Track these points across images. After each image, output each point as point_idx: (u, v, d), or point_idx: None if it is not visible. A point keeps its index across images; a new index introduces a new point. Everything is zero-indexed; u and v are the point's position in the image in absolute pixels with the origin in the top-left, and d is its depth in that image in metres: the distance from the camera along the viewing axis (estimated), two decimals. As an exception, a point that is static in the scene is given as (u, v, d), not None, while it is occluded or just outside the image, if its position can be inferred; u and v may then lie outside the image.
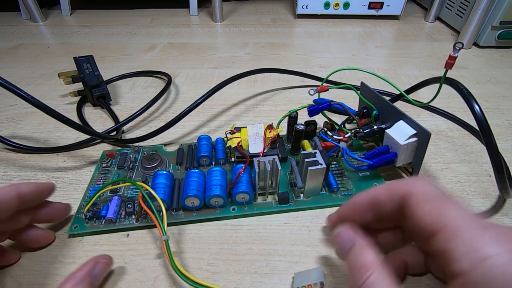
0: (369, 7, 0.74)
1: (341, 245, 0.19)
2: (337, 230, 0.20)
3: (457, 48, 0.24)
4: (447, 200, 0.17)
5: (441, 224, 0.16)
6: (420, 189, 0.18)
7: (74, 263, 0.24)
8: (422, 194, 0.17)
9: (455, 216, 0.16)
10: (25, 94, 0.25)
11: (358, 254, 0.17)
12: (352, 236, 0.19)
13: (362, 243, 0.18)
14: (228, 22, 0.76)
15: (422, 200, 0.17)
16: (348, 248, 0.18)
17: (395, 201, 0.19)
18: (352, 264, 0.17)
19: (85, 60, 0.40)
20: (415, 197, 0.17)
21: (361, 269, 0.16)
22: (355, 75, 0.50)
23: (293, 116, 0.32)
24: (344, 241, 0.19)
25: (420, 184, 0.18)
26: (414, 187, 0.18)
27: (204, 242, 0.25)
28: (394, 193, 0.19)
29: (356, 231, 0.19)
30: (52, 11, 0.83)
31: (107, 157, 0.32)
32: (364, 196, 0.21)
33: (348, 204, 0.22)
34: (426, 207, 0.17)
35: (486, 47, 0.60)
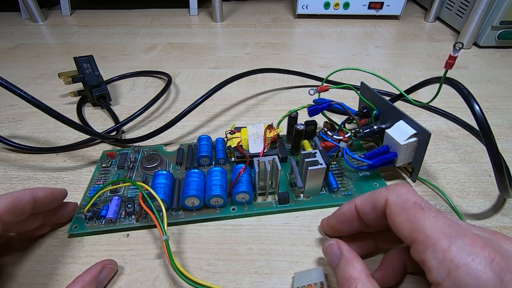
0: (369, 7, 0.74)
1: (330, 259, 0.20)
2: (326, 244, 0.21)
3: (457, 48, 0.24)
4: (420, 210, 0.17)
5: (414, 235, 0.16)
6: (394, 199, 0.18)
7: (74, 263, 0.24)
8: (397, 204, 0.18)
9: (427, 227, 0.16)
10: (25, 94, 0.25)
11: (344, 268, 0.18)
12: (338, 251, 0.20)
13: (348, 257, 0.19)
14: (228, 22, 0.76)
15: (397, 211, 0.18)
16: (336, 262, 0.19)
17: (377, 211, 0.19)
18: (340, 276, 0.18)
19: (85, 60, 0.40)
20: (391, 208, 0.18)
21: (347, 281, 0.17)
22: (355, 75, 0.50)
23: (293, 116, 0.32)
24: (332, 255, 0.20)
25: (394, 194, 0.18)
26: (389, 198, 0.18)
27: (204, 242, 0.25)
28: (374, 204, 0.19)
29: (343, 245, 0.20)
30: (52, 11, 0.83)
31: (107, 157, 0.32)
32: (346, 208, 0.22)
33: (334, 217, 0.23)
34: (400, 218, 0.17)
35: (486, 47, 0.60)
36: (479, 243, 0.15)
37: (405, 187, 0.19)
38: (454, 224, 0.16)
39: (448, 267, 0.14)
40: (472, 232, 0.16)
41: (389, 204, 0.18)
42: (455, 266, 0.14)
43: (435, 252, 0.15)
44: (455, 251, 0.15)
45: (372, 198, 0.20)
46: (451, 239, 0.15)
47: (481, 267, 0.14)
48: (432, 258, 0.15)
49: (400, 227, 0.17)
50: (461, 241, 0.15)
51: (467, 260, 0.14)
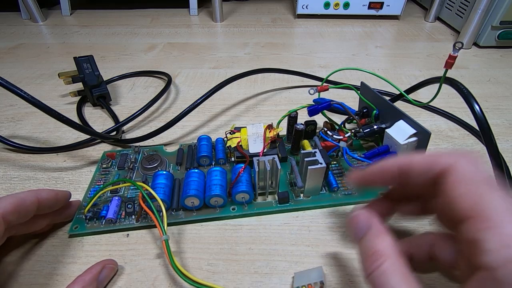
0: (369, 7, 0.74)
1: (356, 229, 0.18)
2: (353, 213, 0.18)
3: (457, 47, 0.24)
4: (491, 186, 0.15)
5: (477, 211, 0.14)
6: (463, 168, 0.15)
7: (74, 263, 0.24)
8: (463, 173, 0.15)
9: (496, 205, 0.14)
10: (25, 94, 0.25)
11: (372, 240, 0.16)
12: (368, 221, 0.17)
13: (378, 228, 0.17)
14: (228, 22, 0.76)
15: (462, 180, 0.15)
16: (363, 233, 0.17)
17: (430, 175, 0.17)
18: (365, 250, 0.16)
19: (85, 60, 0.40)
20: (455, 176, 0.15)
21: (373, 255, 0.15)
22: (355, 75, 0.50)
23: (293, 116, 0.32)
24: (359, 225, 0.17)
25: (463, 162, 0.16)
26: (458, 163, 0.16)
27: (204, 242, 0.25)
28: (432, 166, 0.17)
29: (373, 215, 0.18)
30: (52, 11, 0.83)
31: (107, 158, 0.32)
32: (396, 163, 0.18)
33: (377, 167, 0.20)
34: (464, 188, 0.15)
35: (486, 47, 0.60)
36: None
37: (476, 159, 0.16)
38: None
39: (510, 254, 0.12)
40: None
41: (456, 171, 0.15)
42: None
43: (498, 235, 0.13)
44: None
45: (431, 160, 0.17)
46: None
47: None
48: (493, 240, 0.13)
49: (459, 198, 0.15)
50: None
51: None
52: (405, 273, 0.14)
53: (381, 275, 0.14)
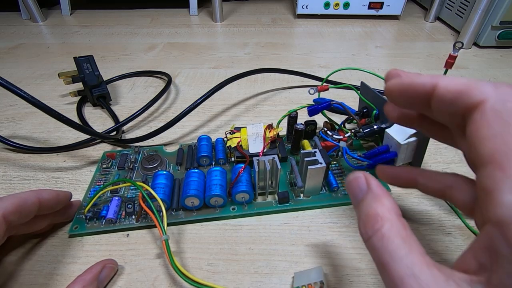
0: (369, 7, 0.74)
1: (354, 193, 0.17)
2: (351, 176, 0.17)
3: (457, 47, 0.24)
4: None
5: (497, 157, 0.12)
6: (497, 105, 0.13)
7: (74, 263, 0.24)
8: (495, 108, 0.13)
9: None
10: (25, 94, 0.25)
11: (371, 203, 0.15)
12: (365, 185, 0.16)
13: (377, 192, 0.16)
14: (228, 22, 0.76)
15: (492, 121, 0.13)
16: (362, 196, 0.16)
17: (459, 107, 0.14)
18: (363, 213, 0.15)
19: (85, 60, 0.40)
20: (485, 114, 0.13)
21: (371, 219, 0.14)
22: (355, 75, 0.50)
23: (293, 115, 0.32)
24: (357, 188, 0.16)
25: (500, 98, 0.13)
26: (489, 99, 0.13)
27: (204, 242, 0.25)
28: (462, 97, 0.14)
29: (371, 179, 0.16)
30: (52, 11, 0.83)
31: (107, 158, 0.32)
32: (421, 82, 0.15)
33: (403, 83, 0.16)
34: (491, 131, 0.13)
35: (486, 47, 0.60)
36: None
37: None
38: None
39: None
40: None
41: (487, 108, 0.13)
42: None
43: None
44: None
45: (464, 88, 0.14)
46: None
47: None
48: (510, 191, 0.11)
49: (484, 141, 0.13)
50: None
51: None
52: (405, 236, 0.13)
53: (381, 239, 0.14)
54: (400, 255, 0.13)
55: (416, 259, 0.13)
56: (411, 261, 0.13)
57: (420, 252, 0.13)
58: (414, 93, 0.16)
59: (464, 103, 0.14)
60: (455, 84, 0.14)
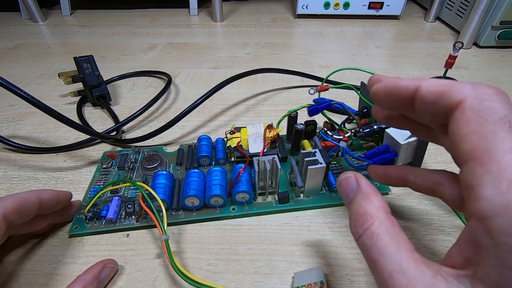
0: (369, 7, 0.74)
1: (345, 192, 0.17)
2: (342, 176, 0.18)
3: (457, 47, 0.24)
4: (504, 127, 0.12)
5: (478, 153, 0.12)
6: (475, 104, 0.13)
7: (74, 263, 0.24)
8: (475, 110, 0.13)
9: (501, 149, 0.12)
10: (25, 94, 0.25)
11: (360, 202, 0.16)
12: (355, 184, 0.17)
13: (366, 191, 0.16)
14: (228, 22, 0.76)
15: (471, 119, 0.13)
16: (353, 196, 0.16)
17: (441, 107, 0.14)
18: (354, 212, 0.16)
19: (85, 60, 0.40)
20: (464, 113, 0.13)
21: (361, 218, 0.15)
22: (355, 75, 0.50)
23: (292, 115, 0.32)
24: (348, 188, 0.17)
25: (477, 97, 0.13)
26: (468, 98, 0.13)
27: (204, 242, 0.25)
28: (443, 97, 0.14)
29: (361, 178, 0.17)
30: (52, 11, 0.83)
31: (107, 158, 0.32)
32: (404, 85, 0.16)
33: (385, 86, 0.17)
34: (470, 128, 0.13)
35: (486, 47, 0.60)
36: None
37: (499, 93, 0.13)
38: None
39: (508, 201, 0.11)
40: None
41: (465, 107, 0.13)
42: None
43: (497, 181, 0.11)
44: None
45: (444, 89, 0.14)
46: None
47: None
48: (490, 185, 0.12)
49: (464, 138, 0.13)
50: None
51: None
52: (394, 233, 0.14)
53: (370, 237, 0.14)
54: (388, 252, 0.13)
55: (404, 256, 0.13)
56: (399, 258, 0.13)
57: (408, 248, 0.13)
58: (398, 95, 0.16)
59: (445, 103, 0.14)
60: (436, 86, 0.15)
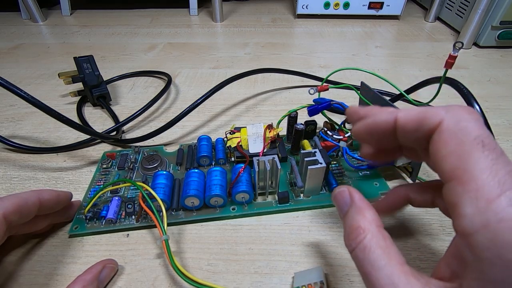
0: (369, 7, 0.74)
1: (339, 206, 0.18)
2: (336, 190, 0.19)
3: (457, 47, 0.24)
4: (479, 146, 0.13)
5: (458, 173, 0.13)
6: (451, 125, 0.14)
7: (74, 263, 0.24)
8: (452, 132, 0.14)
9: (478, 168, 0.13)
10: (25, 94, 0.25)
11: (353, 217, 0.16)
12: (349, 198, 0.17)
13: (359, 205, 0.17)
14: (228, 22, 0.76)
15: (449, 140, 0.14)
16: (346, 209, 0.17)
17: (422, 132, 0.15)
18: (347, 225, 0.16)
19: (85, 60, 0.40)
20: (442, 135, 0.14)
21: (355, 231, 0.15)
22: (355, 75, 0.50)
23: (292, 116, 0.32)
24: (342, 202, 0.18)
25: (453, 119, 0.14)
26: (445, 121, 0.14)
27: (204, 242, 0.25)
28: (422, 123, 0.15)
29: (354, 193, 0.18)
30: (52, 11, 0.83)
31: (107, 158, 0.32)
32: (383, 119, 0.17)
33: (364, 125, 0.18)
34: (448, 148, 0.14)
35: (486, 47, 0.60)
36: None
37: (470, 113, 0.14)
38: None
39: (487, 219, 0.12)
40: None
41: (442, 129, 0.14)
42: (498, 219, 0.12)
43: (476, 199, 0.12)
44: (504, 203, 0.12)
45: (421, 116, 0.15)
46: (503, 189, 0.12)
47: None
48: (470, 204, 0.12)
49: (444, 159, 0.14)
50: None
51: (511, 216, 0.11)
52: (385, 246, 0.14)
53: (363, 251, 0.15)
54: (380, 265, 0.14)
55: (395, 269, 0.14)
56: (390, 271, 0.14)
57: (399, 262, 0.14)
58: (379, 130, 0.17)
59: (424, 129, 0.15)
60: (413, 114, 0.16)
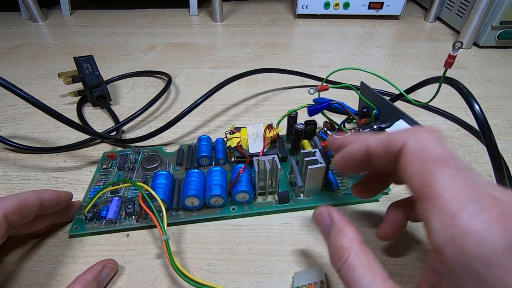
0: (369, 7, 0.74)
1: (321, 228, 0.19)
2: (316, 212, 0.19)
3: (457, 47, 0.24)
4: (438, 164, 0.14)
5: (423, 191, 0.14)
6: (412, 147, 0.16)
7: (74, 263, 0.24)
8: (413, 153, 0.15)
9: (439, 185, 0.14)
10: (25, 94, 0.25)
11: (335, 236, 0.17)
12: (329, 219, 0.18)
13: (339, 225, 0.17)
14: (228, 22, 0.76)
15: (411, 161, 0.15)
16: (327, 231, 0.18)
17: (391, 155, 0.17)
18: (331, 246, 0.17)
19: (85, 60, 0.40)
20: (405, 157, 0.16)
21: (339, 251, 0.16)
22: (355, 75, 0.50)
23: (292, 115, 0.32)
24: (323, 223, 0.18)
25: (413, 141, 0.16)
26: (406, 143, 0.16)
27: (204, 242, 0.25)
28: (388, 147, 0.17)
29: (333, 212, 0.18)
30: (52, 11, 0.83)
31: (107, 159, 0.32)
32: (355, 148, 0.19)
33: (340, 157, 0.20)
34: (413, 169, 0.15)
35: (486, 47, 0.60)
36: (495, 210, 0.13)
37: (430, 133, 0.16)
38: (472, 185, 0.14)
39: (452, 233, 0.13)
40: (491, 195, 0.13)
41: (405, 152, 0.16)
42: (462, 233, 0.12)
43: (441, 215, 0.13)
44: (466, 217, 0.13)
45: (387, 141, 0.17)
46: (464, 203, 0.13)
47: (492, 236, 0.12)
48: (437, 220, 0.13)
49: (411, 179, 0.15)
50: (474, 206, 0.13)
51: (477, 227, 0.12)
52: (368, 263, 0.15)
53: (347, 270, 0.15)
54: (364, 283, 0.15)
55: (379, 285, 0.14)
56: None
57: (382, 277, 0.15)
58: (354, 159, 0.19)
59: (391, 153, 0.17)
60: (380, 140, 0.17)
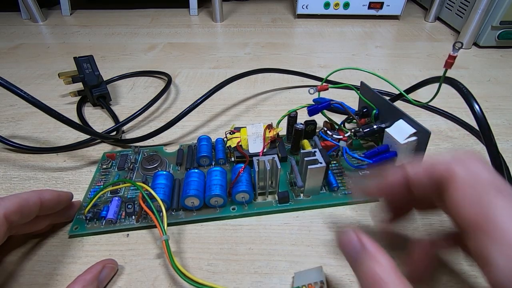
0: (369, 7, 0.74)
1: (348, 252, 0.16)
2: (341, 234, 0.17)
3: (457, 47, 0.24)
4: (495, 192, 0.13)
5: (480, 222, 0.13)
6: (464, 176, 0.14)
7: (74, 263, 0.24)
8: (466, 182, 0.14)
9: (500, 215, 0.13)
10: (25, 94, 0.25)
11: (369, 264, 0.15)
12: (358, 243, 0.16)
13: (371, 251, 0.15)
14: (228, 22, 0.76)
15: (465, 191, 0.14)
16: (357, 258, 0.16)
17: (431, 187, 0.16)
18: (363, 276, 0.15)
19: (85, 60, 0.40)
20: (457, 186, 0.14)
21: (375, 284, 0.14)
22: (355, 75, 0.50)
23: (292, 115, 0.32)
24: (351, 247, 0.16)
25: (464, 168, 0.15)
26: (456, 172, 0.15)
27: (204, 242, 0.25)
28: (433, 177, 0.16)
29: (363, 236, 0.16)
30: (52, 11, 0.83)
31: (107, 159, 0.32)
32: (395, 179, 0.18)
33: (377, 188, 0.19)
34: (465, 198, 0.14)
35: (486, 47, 0.60)
36: None
37: (477, 159, 0.15)
38: None
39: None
40: None
41: (456, 181, 0.14)
42: None
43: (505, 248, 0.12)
44: None
45: (431, 170, 0.16)
46: None
47: None
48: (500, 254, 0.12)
49: (462, 209, 0.14)
50: None
51: None
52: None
53: None
54: None
55: None
56: None
57: None
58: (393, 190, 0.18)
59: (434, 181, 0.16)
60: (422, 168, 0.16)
